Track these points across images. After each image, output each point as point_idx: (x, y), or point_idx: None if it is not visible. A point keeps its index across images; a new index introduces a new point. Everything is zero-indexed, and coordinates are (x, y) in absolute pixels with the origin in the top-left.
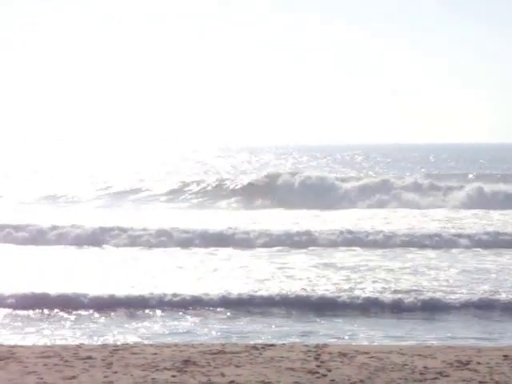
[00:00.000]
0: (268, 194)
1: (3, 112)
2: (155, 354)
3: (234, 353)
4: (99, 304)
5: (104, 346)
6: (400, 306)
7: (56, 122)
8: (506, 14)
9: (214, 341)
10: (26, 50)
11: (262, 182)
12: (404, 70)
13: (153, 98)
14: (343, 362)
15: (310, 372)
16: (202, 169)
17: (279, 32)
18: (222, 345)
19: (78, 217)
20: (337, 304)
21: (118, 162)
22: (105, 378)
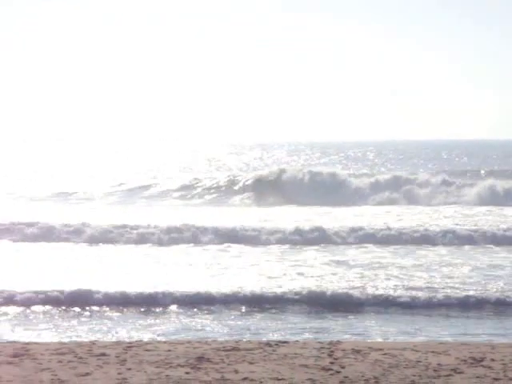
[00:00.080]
0: (280, 190)
1: (3, 112)
2: (169, 350)
3: (248, 349)
4: (112, 301)
5: (118, 342)
6: (413, 303)
7: (56, 122)
8: (507, 12)
9: (228, 338)
10: (25, 50)
11: (274, 178)
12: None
13: (153, 98)
14: (357, 358)
15: (324, 369)
16: (213, 166)
17: (279, 32)
18: (236, 342)
19: (92, 214)
20: (350, 301)
21: (122, 161)
22: (119, 374)
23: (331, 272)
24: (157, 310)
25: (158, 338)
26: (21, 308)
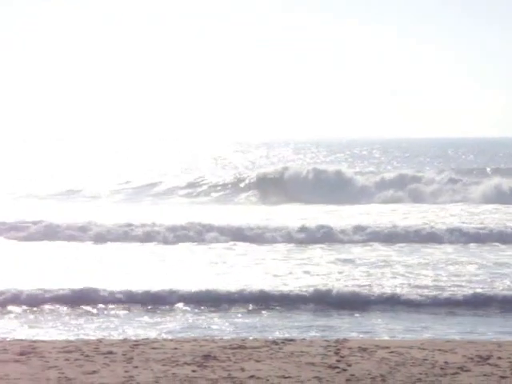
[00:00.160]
0: (285, 188)
1: (3, 112)
2: (175, 348)
3: (254, 348)
4: (119, 299)
5: (124, 340)
6: (420, 301)
7: (56, 122)
8: (508, 9)
9: (234, 336)
10: (26, 50)
11: (279, 176)
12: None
13: (153, 98)
14: (363, 356)
15: (330, 367)
16: (219, 164)
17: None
18: (242, 340)
19: (98, 212)
20: (356, 299)
21: (123, 160)
22: (125, 372)
23: (337, 270)
24: (163, 308)
25: (165, 336)
26: (28, 306)
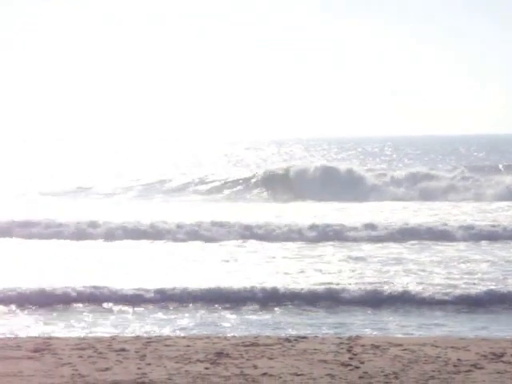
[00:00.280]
0: (295, 186)
1: (3, 112)
2: (188, 346)
3: (267, 345)
4: (131, 297)
5: (137, 338)
6: (432, 299)
7: (56, 122)
8: (508, 8)
9: (247, 333)
10: (26, 50)
11: (290, 174)
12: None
13: (153, 98)
14: (376, 354)
15: (343, 364)
16: (230, 162)
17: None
18: (255, 337)
19: (111, 209)
20: (368, 296)
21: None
22: (138, 369)
23: (349, 268)
24: (175, 306)
25: (178, 334)
26: (40, 304)
